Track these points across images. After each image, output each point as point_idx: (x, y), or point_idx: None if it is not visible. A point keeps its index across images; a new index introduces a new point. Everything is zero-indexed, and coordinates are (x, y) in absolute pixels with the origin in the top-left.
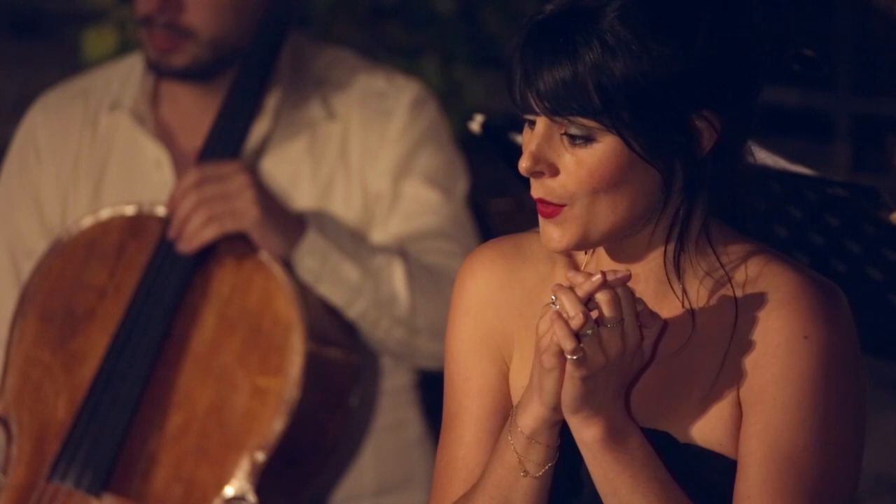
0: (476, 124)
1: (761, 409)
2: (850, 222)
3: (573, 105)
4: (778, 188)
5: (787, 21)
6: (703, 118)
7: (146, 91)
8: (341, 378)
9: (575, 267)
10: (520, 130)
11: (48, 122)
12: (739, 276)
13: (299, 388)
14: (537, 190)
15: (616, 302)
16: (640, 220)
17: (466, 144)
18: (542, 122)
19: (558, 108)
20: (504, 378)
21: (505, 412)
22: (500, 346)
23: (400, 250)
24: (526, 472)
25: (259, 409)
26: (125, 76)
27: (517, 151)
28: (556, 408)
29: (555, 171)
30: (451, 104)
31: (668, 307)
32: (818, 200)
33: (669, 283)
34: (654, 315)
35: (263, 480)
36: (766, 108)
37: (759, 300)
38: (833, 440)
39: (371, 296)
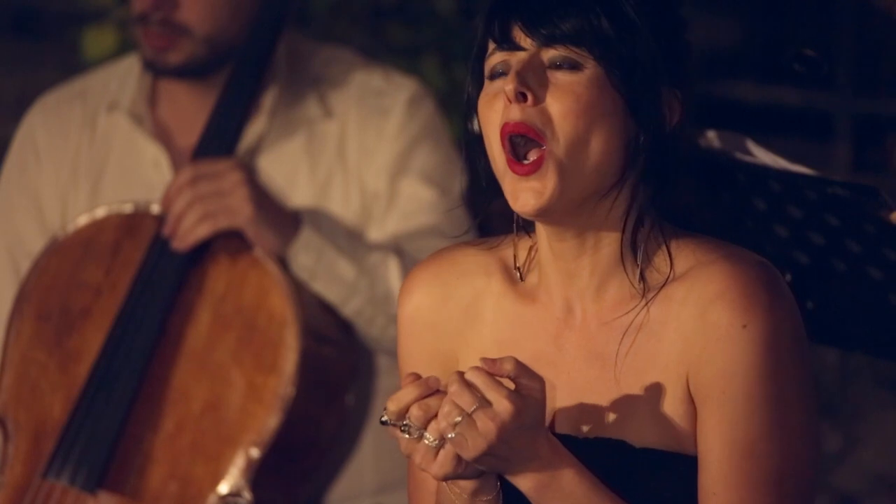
0: (476, 124)
1: (713, 403)
2: (850, 222)
3: (567, 33)
4: (778, 188)
5: (787, 21)
6: (671, 93)
7: (144, 91)
8: (337, 375)
9: (510, 277)
10: None
11: (47, 123)
12: (677, 268)
13: (294, 384)
14: (517, 113)
15: (464, 394)
16: (605, 184)
17: (466, 144)
18: (520, 55)
19: (552, 36)
20: None
21: None
22: (443, 366)
23: (395, 248)
24: None
25: (254, 406)
26: (123, 76)
27: None
28: (481, 475)
29: (538, 99)
30: (451, 104)
31: (609, 308)
32: (818, 200)
33: (624, 268)
34: (532, 376)
35: (259, 477)
36: (766, 108)
37: (694, 294)
38: (787, 424)
39: (366, 293)
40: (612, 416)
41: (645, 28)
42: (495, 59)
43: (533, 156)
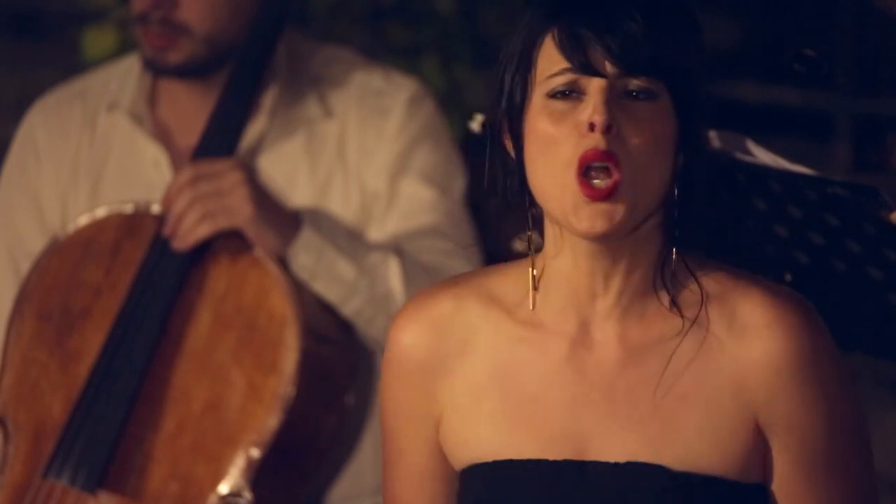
0: (476, 124)
1: (798, 433)
2: (850, 222)
3: (650, 62)
4: (778, 188)
5: (787, 21)
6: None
7: (144, 91)
8: (337, 375)
9: (502, 305)
10: None
11: (47, 123)
12: (708, 292)
13: (294, 384)
14: (603, 143)
15: None
16: (654, 208)
17: (466, 144)
18: (601, 82)
19: (636, 65)
20: (436, 433)
21: (441, 458)
22: (429, 405)
23: (396, 248)
24: None
25: (254, 406)
26: (123, 76)
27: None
28: None
29: (620, 129)
30: (451, 104)
31: (636, 330)
32: (818, 200)
33: (657, 295)
34: None
35: (259, 477)
36: (766, 108)
37: (740, 320)
38: (864, 438)
39: (366, 293)
40: (651, 440)
41: (699, 54)
42: (563, 78)
43: (604, 180)
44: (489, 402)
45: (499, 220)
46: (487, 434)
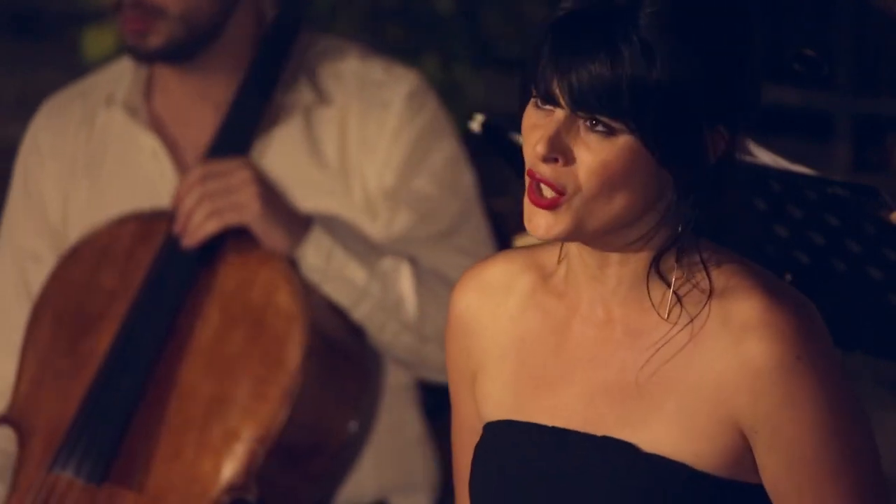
0: (476, 124)
1: (783, 434)
2: (850, 222)
3: (604, 104)
4: (778, 188)
5: (787, 21)
6: (715, 132)
7: (139, 83)
8: (347, 379)
9: (543, 274)
10: (519, 130)
11: (50, 124)
12: (716, 287)
13: (299, 380)
14: (545, 171)
15: None
16: (630, 224)
17: (466, 144)
18: (560, 112)
19: (587, 106)
20: (472, 392)
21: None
22: (468, 363)
23: (408, 256)
24: None
25: (260, 402)
26: (121, 72)
27: (518, 151)
28: None
29: (568, 160)
30: (451, 104)
31: (636, 314)
32: (818, 200)
33: (648, 289)
34: None
35: (264, 474)
36: (766, 108)
37: (735, 321)
38: (858, 445)
39: (377, 298)
40: (625, 417)
41: (691, 81)
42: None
43: (550, 193)
44: (509, 363)
45: (506, 218)
46: (501, 394)
